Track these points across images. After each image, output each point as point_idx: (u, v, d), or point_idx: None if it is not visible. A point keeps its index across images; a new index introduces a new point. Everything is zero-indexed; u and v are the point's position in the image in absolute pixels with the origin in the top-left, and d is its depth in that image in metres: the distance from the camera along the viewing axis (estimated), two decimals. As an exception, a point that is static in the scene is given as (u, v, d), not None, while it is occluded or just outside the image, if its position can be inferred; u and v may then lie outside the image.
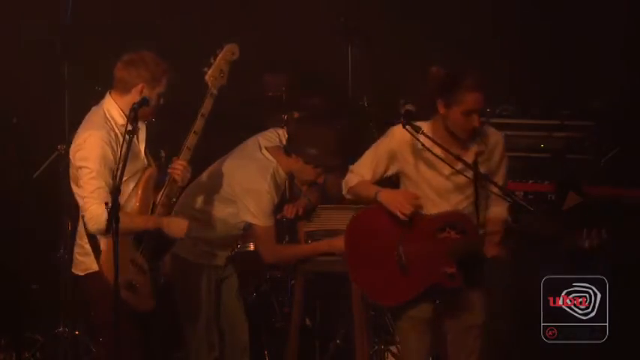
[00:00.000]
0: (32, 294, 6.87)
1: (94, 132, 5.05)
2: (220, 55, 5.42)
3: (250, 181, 5.65)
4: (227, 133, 6.14)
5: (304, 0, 7.43)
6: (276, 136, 5.85)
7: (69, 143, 6.33)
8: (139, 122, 5.10)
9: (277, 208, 5.83)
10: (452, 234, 5.19)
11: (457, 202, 5.24)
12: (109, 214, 4.83)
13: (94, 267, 5.10)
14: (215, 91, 5.32)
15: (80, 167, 5.04)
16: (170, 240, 5.21)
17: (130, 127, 4.92)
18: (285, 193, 6.07)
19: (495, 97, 7.20)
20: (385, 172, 5.32)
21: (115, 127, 5.10)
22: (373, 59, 7.24)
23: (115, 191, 4.84)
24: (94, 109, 5.20)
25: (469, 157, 5.19)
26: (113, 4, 7.21)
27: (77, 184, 5.09)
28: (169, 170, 5.18)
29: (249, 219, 5.67)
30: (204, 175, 5.75)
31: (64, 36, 6.58)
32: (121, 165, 4.85)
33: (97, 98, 6.48)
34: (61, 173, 6.45)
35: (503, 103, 7.14)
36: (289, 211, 5.90)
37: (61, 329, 6.45)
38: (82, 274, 5.17)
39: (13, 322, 6.66)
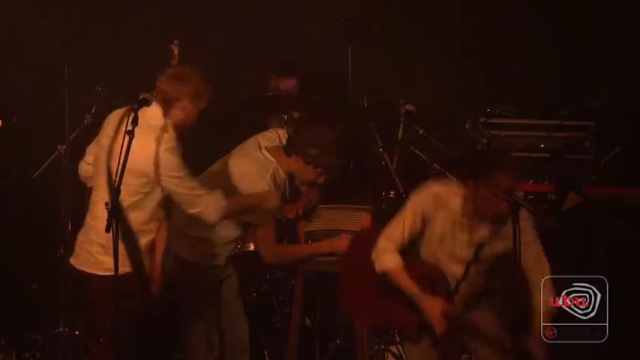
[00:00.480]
0: (32, 294, 6.86)
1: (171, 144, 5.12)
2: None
3: (250, 181, 5.65)
4: (227, 134, 6.14)
5: (304, 0, 7.42)
6: (276, 136, 5.85)
7: (69, 143, 6.39)
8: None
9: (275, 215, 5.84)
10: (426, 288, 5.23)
11: (457, 270, 5.29)
12: (109, 214, 4.84)
13: (124, 269, 5.09)
14: None
15: (172, 177, 5.11)
16: None
17: (129, 128, 4.92)
18: (285, 193, 6.07)
19: (495, 97, 7.21)
20: (414, 234, 5.31)
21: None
22: (373, 59, 7.23)
23: (115, 191, 4.85)
24: (140, 120, 5.12)
25: (480, 235, 5.23)
26: (113, 4, 7.21)
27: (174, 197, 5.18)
28: None
29: (250, 219, 5.67)
30: (205, 175, 5.75)
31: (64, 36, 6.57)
32: (121, 165, 4.85)
33: (97, 98, 6.54)
34: (61, 173, 6.47)
35: (503, 103, 7.15)
36: (289, 212, 5.90)
37: (61, 329, 6.44)
38: (100, 273, 5.16)
39: (13, 322, 6.66)
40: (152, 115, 5.14)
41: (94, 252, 5.17)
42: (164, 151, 5.07)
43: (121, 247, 5.03)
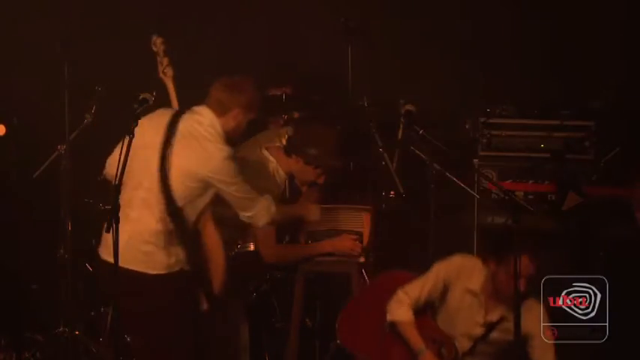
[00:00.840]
0: (32, 294, 6.86)
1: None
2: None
3: (250, 179, 5.65)
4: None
5: (304, 0, 7.42)
6: (277, 135, 5.86)
7: (69, 143, 6.39)
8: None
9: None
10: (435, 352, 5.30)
11: (464, 345, 5.34)
12: (110, 214, 4.84)
13: (176, 268, 5.13)
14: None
15: (232, 184, 5.18)
16: None
17: (129, 128, 4.92)
18: (285, 193, 6.07)
19: (495, 97, 7.21)
20: (431, 299, 5.38)
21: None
22: (373, 59, 7.23)
23: (116, 192, 4.85)
24: (195, 125, 5.18)
25: (494, 316, 5.27)
26: (113, 4, 7.21)
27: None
28: None
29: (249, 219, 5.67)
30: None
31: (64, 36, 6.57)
32: (121, 166, 4.85)
33: (97, 98, 6.54)
34: (61, 173, 6.46)
35: (503, 103, 7.14)
36: None
37: (61, 329, 6.44)
38: (159, 272, 5.15)
39: (13, 322, 6.66)
40: (209, 122, 5.18)
41: (150, 252, 5.13)
42: (224, 159, 5.12)
43: (177, 246, 5.11)
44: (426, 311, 5.39)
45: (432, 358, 5.29)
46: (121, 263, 4.92)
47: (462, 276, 5.31)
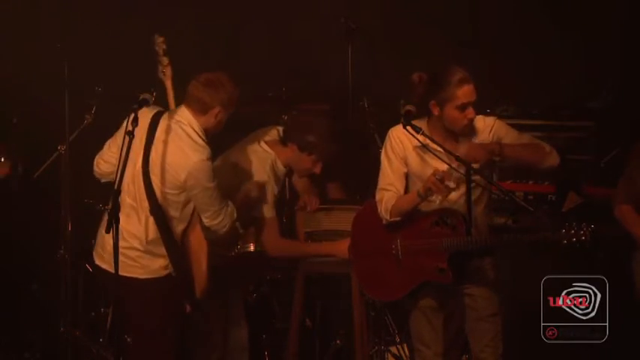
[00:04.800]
0: (32, 294, 6.86)
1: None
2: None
3: (250, 174, 5.67)
4: (227, 133, 6.13)
5: (304, 0, 7.42)
6: (276, 131, 5.87)
7: (69, 143, 6.39)
8: None
9: (277, 207, 5.83)
10: (444, 229, 5.22)
11: (453, 198, 5.27)
12: (110, 214, 4.84)
13: (163, 272, 5.16)
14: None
15: (207, 188, 5.14)
16: None
17: (130, 128, 4.92)
18: (285, 193, 6.08)
19: (495, 97, 7.20)
20: (404, 175, 5.36)
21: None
22: (373, 59, 7.23)
23: (116, 192, 4.85)
24: (174, 125, 5.17)
25: (462, 152, 5.24)
26: (113, 4, 7.21)
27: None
28: None
29: (251, 211, 5.67)
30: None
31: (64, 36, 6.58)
32: (121, 166, 4.85)
33: (97, 98, 6.54)
34: (61, 173, 6.46)
35: (503, 103, 7.14)
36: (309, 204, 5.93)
37: (61, 329, 6.45)
38: (141, 277, 5.19)
39: (13, 322, 6.66)
40: (187, 121, 5.16)
41: (135, 256, 5.18)
42: (201, 161, 5.09)
43: (162, 252, 5.14)
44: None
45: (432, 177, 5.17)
46: (111, 268, 5.01)
47: (406, 144, 5.30)
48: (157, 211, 5.06)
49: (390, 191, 5.33)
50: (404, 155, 5.34)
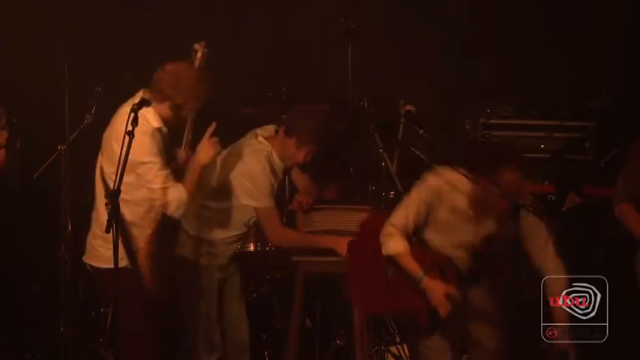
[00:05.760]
0: (32, 294, 6.86)
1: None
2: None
3: (245, 164, 5.69)
4: (227, 134, 6.14)
5: (304, 0, 7.42)
6: (275, 129, 5.88)
7: (69, 143, 6.38)
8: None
9: (276, 200, 5.84)
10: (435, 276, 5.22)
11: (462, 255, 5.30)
12: (110, 214, 4.84)
13: (123, 263, 5.12)
14: None
15: (142, 164, 5.12)
16: None
17: (130, 128, 4.92)
18: (285, 192, 6.08)
19: (495, 97, 7.21)
20: (419, 220, 5.30)
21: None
22: (373, 59, 7.23)
23: (116, 192, 4.85)
24: (126, 108, 5.17)
25: (486, 227, 5.23)
26: (113, 4, 7.21)
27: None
28: None
29: (249, 202, 5.68)
30: (206, 172, 5.77)
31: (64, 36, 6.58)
32: (121, 166, 4.85)
33: (97, 98, 6.54)
34: (61, 173, 6.46)
35: (503, 103, 7.14)
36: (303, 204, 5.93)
37: (61, 329, 6.45)
38: (103, 266, 5.23)
39: (13, 323, 6.66)
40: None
41: (97, 246, 5.27)
42: (140, 133, 5.02)
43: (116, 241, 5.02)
44: (411, 241, 5.29)
45: (432, 279, 5.18)
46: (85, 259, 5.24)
47: (444, 194, 5.22)
48: (111, 197, 4.97)
49: (397, 230, 5.24)
50: (436, 204, 5.24)
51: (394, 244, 5.24)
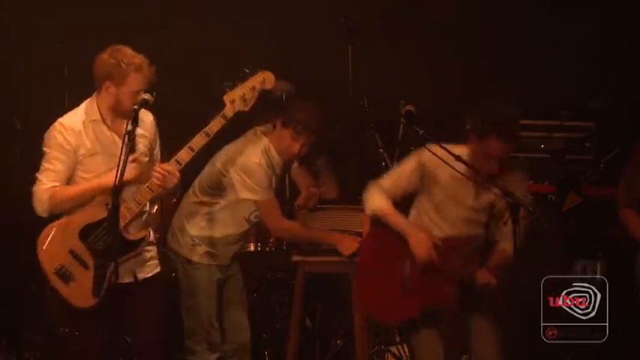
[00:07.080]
0: (32, 294, 6.85)
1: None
2: (249, 81, 5.34)
3: (242, 157, 5.69)
4: (227, 134, 6.15)
5: (304, 0, 7.42)
6: (272, 125, 5.89)
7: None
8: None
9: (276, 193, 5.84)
10: (453, 259, 5.22)
11: (466, 230, 5.30)
12: (110, 213, 4.84)
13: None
14: (230, 115, 5.25)
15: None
16: (131, 245, 5.11)
17: (129, 128, 4.92)
18: (286, 192, 6.08)
19: (495, 97, 7.20)
20: (409, 188, 5.33)
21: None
22: (373, 60, 7.23)
23: (116, 192, 4.84)
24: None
25: (485, 198, 5.27)
26: (113, 4, 7.21)
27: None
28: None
29: (248, 196, 5.68)
30: (206, 171, 5.79)
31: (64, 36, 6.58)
32: (121, 166, 4.84)
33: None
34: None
35: (503, 103, 7.13)
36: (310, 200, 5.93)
37: (61, 329, 6.44)
38: None
39: (13, 322, 6.65)
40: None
41: None
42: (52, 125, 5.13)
43: None
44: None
45: (419, 232, 5.22)
46: None
47: (435, 166, 5.26)
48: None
49: (381, 188, 5.30)
50: (433, 176, 5.29)
51: (379, 202, 5.28)
